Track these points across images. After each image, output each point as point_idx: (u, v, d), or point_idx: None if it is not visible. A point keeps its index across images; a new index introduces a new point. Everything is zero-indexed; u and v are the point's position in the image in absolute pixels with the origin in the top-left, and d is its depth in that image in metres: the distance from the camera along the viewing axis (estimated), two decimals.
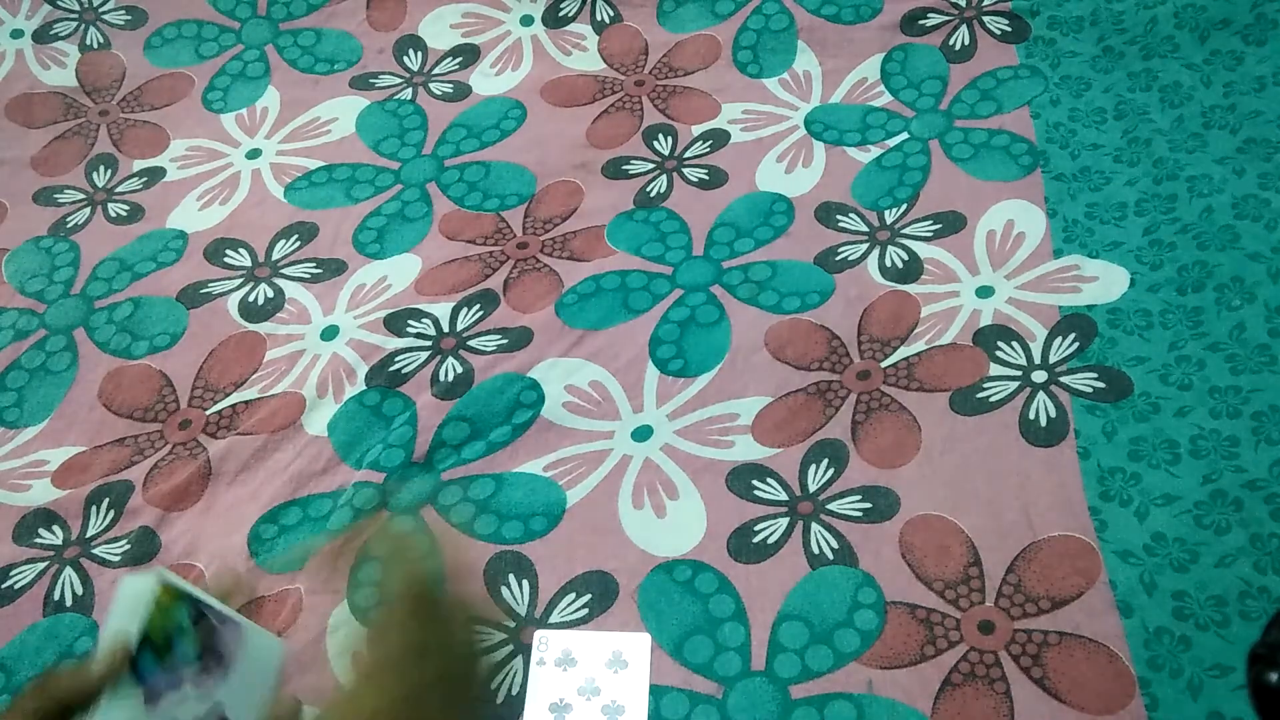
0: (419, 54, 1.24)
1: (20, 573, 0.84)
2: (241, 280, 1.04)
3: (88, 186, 1.16)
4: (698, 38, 1.21)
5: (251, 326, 0.99)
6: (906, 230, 0.99)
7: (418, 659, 0.46)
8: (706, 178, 1.07)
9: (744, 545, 0.80)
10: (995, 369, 0.87)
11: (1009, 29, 1.14)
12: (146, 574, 0.45)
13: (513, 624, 0.78)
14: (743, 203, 1.04)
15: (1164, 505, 0.77)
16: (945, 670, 0.72)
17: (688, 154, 1.10)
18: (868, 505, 0.81)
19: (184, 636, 0.45)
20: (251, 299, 1.02)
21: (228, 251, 1.07)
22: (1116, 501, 0.78)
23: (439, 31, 1.26)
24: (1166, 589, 0.73)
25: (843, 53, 1.16)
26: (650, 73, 1.19)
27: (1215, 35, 1.08)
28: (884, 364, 0.89)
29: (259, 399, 0.93)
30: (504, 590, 0.80)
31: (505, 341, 0.94)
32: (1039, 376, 0.86)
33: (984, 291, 0.93)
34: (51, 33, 1.28)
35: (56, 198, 1.15)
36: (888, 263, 0.97)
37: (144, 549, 0.84)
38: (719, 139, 1.11)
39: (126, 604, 0.44)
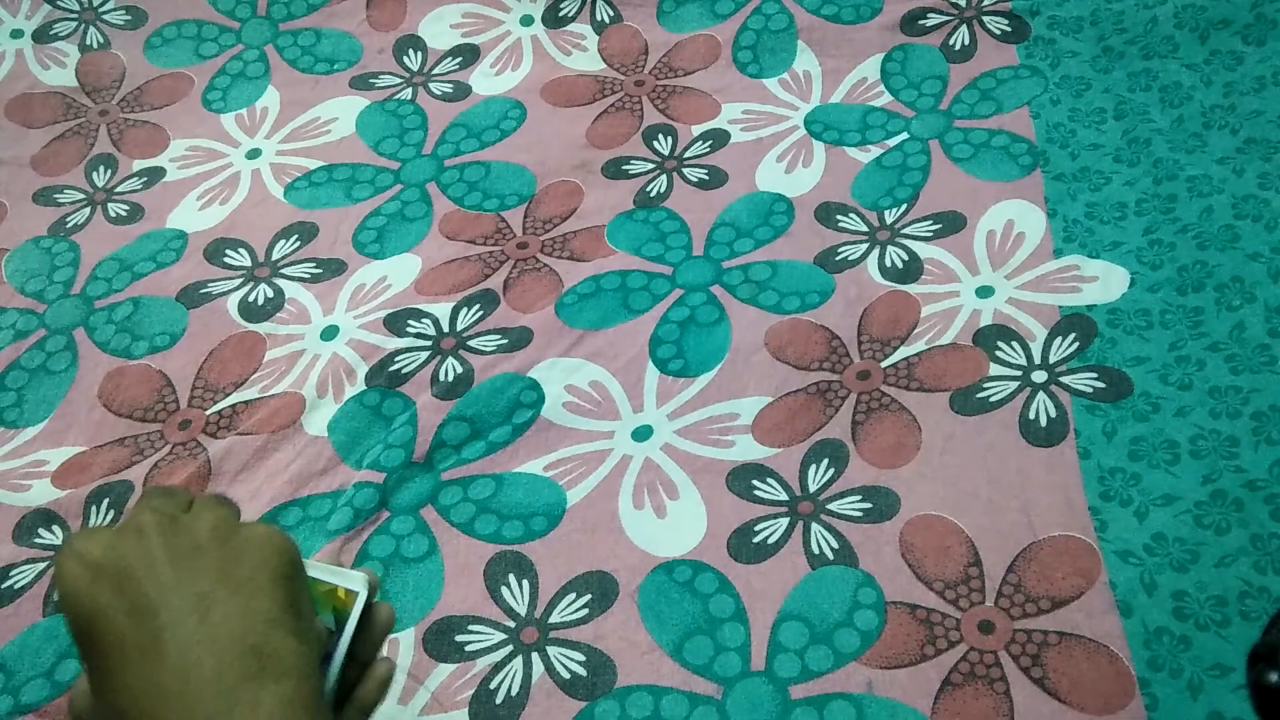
0: (419, 54, 1.24)
1: (20, 573, 0.84)
2: (241, 280, 1.04)
3: (88, 186, 1.16)
4: (698, 38, 1.21)
5: (251, 326, 0.99)
6: (906, 230, 0.99)
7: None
8: (706, 178, 1.07)
9: (744, 545, 0.80)
10: (995, 369, 0.87)
11: (1009, 29, 1.14)
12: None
13: (513, 624, 0.78)
14: (743, 203, 1.04)
15: (1164, 505, 0.77)
16: (945, 670, 0.72)
17: (688, 154, 1.10)
18: (868, 505, 0.81)
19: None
20: (251, 299, 1.02)
21: (227, 251, 1.07)
22: (1116, 501, 0.78)
23: (439, 31, 1.26)
24: (1166, 589, 0.73)
25: (843, 53, 1.17)
26: (650, 73, 1.19)
27: (1215, 35, 1.08)
28: (884, 364, 0.89)
29: (259, 399, 0.93)
30: (504, 590, 0.80)
31: (505, 341, 0.94)
32: (1039, 376, 0.86)
33: (984, 291, 0.93)
34: (51, 33, 1.28)
35: (56, 198, 1.15)
36: (888, 263, 0.97)
37: None
38: (719, 139, 1.11)
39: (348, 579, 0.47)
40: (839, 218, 1.02)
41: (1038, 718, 0.69)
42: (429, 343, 0.95)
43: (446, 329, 0.96)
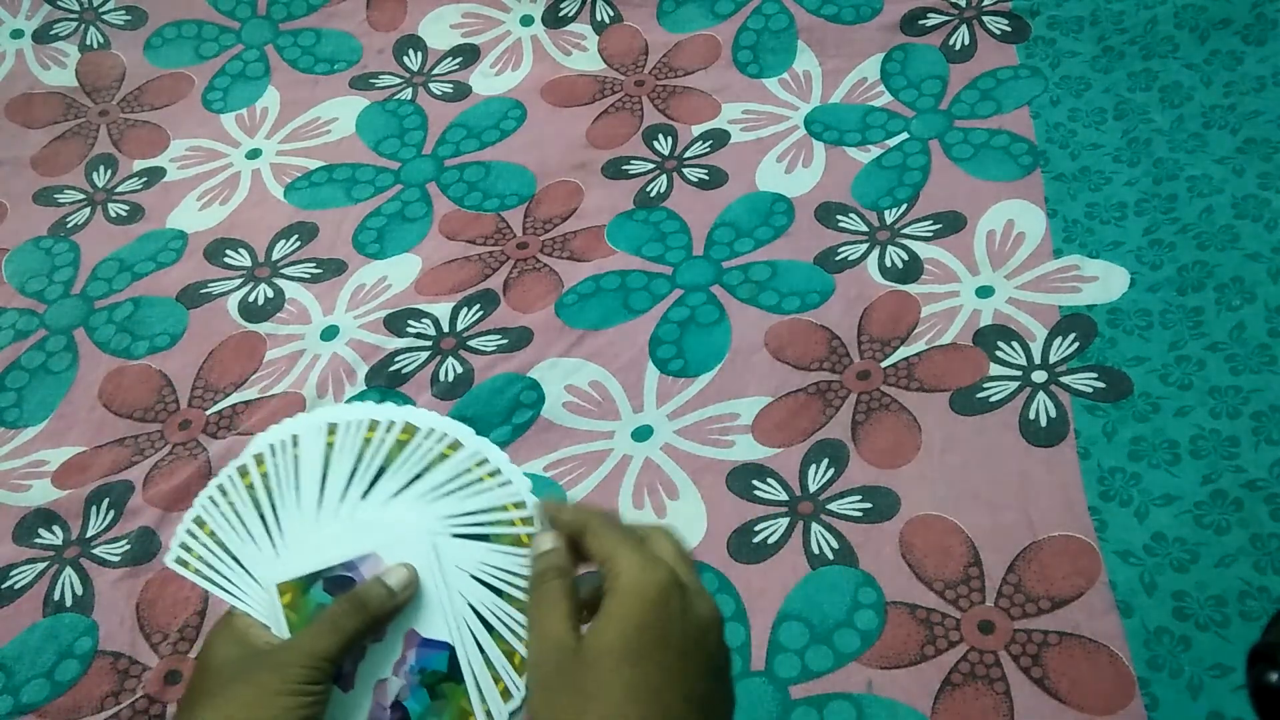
0: (419, 54, 1.24)
1: (20, 573, 0.84)
2: (241, 280, 1.04)
3: (88, 186, 1.16)
4: (698, 38, 1.21)
5: (251, 326, 0.99)
6: (906, 230, 0.99)
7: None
8: (706, 178, 1.07)
9: (744, 545, 0.80)
10: (995, 369, 0.87)
11: (1009, 29, 1.14)
12: None
13: None
14: (743, 203, 1.04)
15: (1164, 505, 0.77)
16: (945, 670, 0.72)
17: (688, 154, 1.10)
18: (868, 505, 0.81)
19: None
20: (251, 299, 1.02)
21: (228, 251, 1.07)
22: (1116, 501, 0.78)
23: (439, 31, 1.26)
24: (1166, 589, 0.73)
25: (843, 53, 1.17)
26: (650, 73, 1.19)
27: (1215, 35, 1.08)
28: (884, 364, 0.89)
29: (259, 399, 0.93)
30: None
31: (505, 341, 0.94)
32: (1039, 376, 0.86)
33: (984, 291, 0.93)
34: (51, 33, 1.28)
35: (56, 198, 1.15)
36: (888, 263, 0.97)
37: (144, 549, 0.84)
38: (719, 139, 1.11)
39: None
40: (839, 218, 1.02)
41: (1038, 718, 0.69)
42: (429, 343, 0.95)
43: (446, 329, 0.96)
